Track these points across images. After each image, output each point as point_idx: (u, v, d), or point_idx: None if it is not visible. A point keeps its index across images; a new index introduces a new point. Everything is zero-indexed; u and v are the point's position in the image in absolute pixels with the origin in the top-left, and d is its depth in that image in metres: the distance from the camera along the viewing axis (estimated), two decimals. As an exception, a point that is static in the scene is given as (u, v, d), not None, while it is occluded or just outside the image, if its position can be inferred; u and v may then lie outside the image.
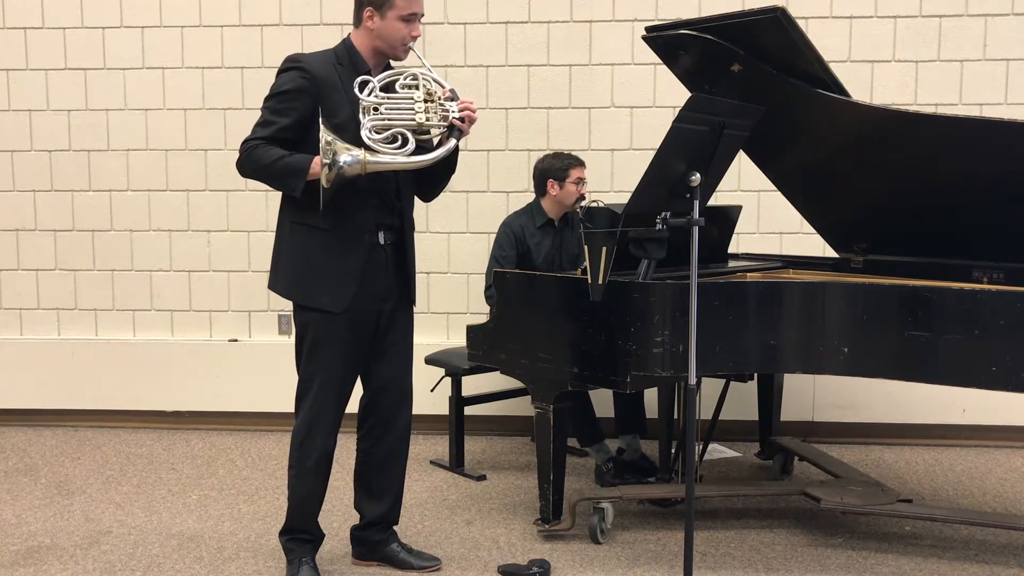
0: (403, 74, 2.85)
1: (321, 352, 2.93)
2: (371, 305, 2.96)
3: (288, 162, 2.79)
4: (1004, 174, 3.23)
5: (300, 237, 2.91)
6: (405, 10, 2.83)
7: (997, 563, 3.24)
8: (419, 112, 2.79)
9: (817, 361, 3.14)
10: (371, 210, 2.91)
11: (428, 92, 2.82)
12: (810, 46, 3.27)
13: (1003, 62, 4.57)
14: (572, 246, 4.17)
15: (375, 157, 2.74)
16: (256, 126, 2.87)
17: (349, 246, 2.89)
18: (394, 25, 2.84)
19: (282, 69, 2.88)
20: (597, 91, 4.76)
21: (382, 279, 2.97)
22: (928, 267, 3.49)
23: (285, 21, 4.81)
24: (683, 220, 2.77)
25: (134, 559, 3.30)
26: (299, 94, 2.81)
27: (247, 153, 2.84)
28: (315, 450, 2.97)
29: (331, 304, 2.89)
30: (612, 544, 3.41)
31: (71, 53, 4.91)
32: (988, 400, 4.40)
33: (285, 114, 2.83)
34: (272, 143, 2.82)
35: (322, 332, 2.92)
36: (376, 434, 3.10)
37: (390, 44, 2.87)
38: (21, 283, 5.06)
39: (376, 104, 2.78)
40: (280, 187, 2.87)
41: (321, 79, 2.83)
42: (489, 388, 4.43)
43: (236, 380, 4.91)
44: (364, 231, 2.91)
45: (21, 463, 4.42)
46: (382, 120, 2.77)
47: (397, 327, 3.06)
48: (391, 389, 3.08)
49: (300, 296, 2.94)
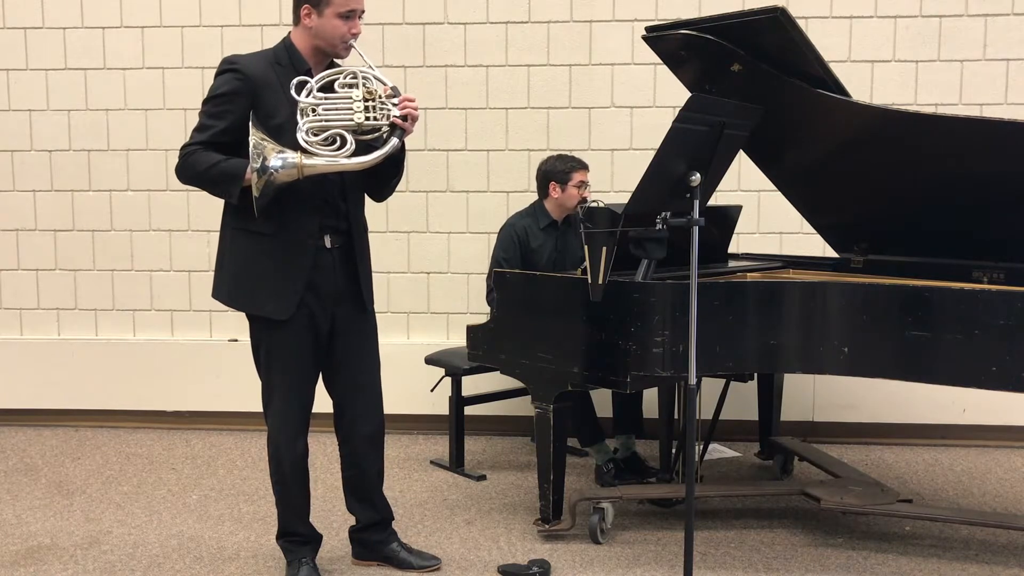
0: (343, 73, 2.75)
1: (275, 360, 2.88)
2: (321, 310, 2.89)
3: (223, 168, 2.73)
4: (1004, 174, 3.23)
5: (242, 244, 2.83)
6: (343, 7, 2.74)
7: (997, 563, 3.25)
8: (358, 112, 2.69)
9: (817, 361, 3.14)
10: (314, 213, 2.82)
11: (368, 91, 2.72)
12: (810, 46, 3.27)
13: (1003, 62, 4.57)
14: (576, 248, 4.14)
15: (311, 160, 2.66)
16: (193, 131, 2.80)
17: (292, 251, 2.81)
18: (332, 23, 2.75)
19: (218, 71, 2.80)
20: (597, 91, 4.76)
21: (331, 283, 2.89)
22: (928, 267, 3.48)
23: (285, 21, 4.80)
24: (683, 220, 2.77)
25: (134, 559, 3.31)
26: (234, 96, 2.74)
27: (184, 159, 2.78)
28: (287, 455, 2.94)
29: (275, 311, 2.82)
30: (612, 544, 3.41)
31: (71, 53, 4.91)
32: (988, 400, 4.39)
33: (221, 117, 2.76)
34: (209, 147, 2.76)
35: (272, 339, 2.86)
36: (349, 440, 3.07)
37: (329, 42, 2.79)
38: (21, 283, 5.06)
39: (314, 105, 2.69)
40: (217, 193, 2.79)
41: (257, 80, 2.75)
42: (489, 388, 4.43)
43: (236, 380, 4.90)
44: (308, 235, 2.82)
45: (21, 463, 4.42)
46: (319, 121, 2.69)
47: (354, 332, 2.98)
48: (354, 395, 3.02)
49: (244, 304, 2.88)
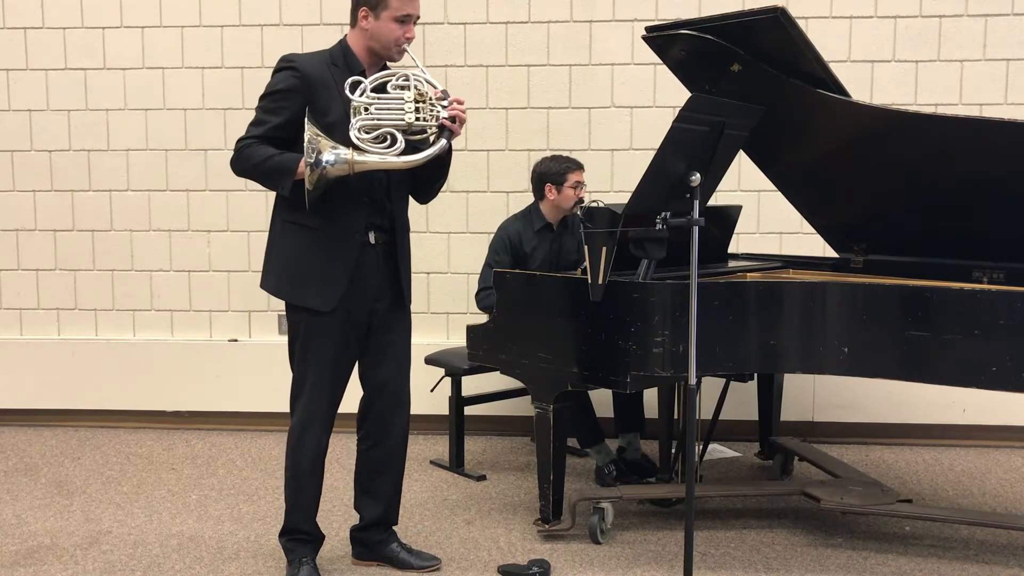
0: (395, 75, 2.85)
1: (312, 352, 2.94)
2: (362, 305, 2.96)
3: (277, 161, 2.82)
4: (1004, 174, 3.23)
5: (291, 236, 2.92)
6: (399, 11, 2.84)
7: (997, 563, 3.24)
8: (409, 112, 2.79)
9: (817, 361, 3.14)
10: (361, 210, 2.91)
11: (419, 93, 2.82)
12: (810, 46, 3.27)
13: (1003, 62, 4.57)
14: (570, 251, 4.14)
15: (363, 156, 2.75)
16: (249, 125, 2.90)
17: (339, 245, 2.90)
18: (388, 26, 2.85)
19: (276, 69, 2.91)
20: (597, 91, 4.75)
21: (373, 279, 2.97)
22: (928, 267, 3.48)
23: (285, 21, 4.81)
24: (683, 220, 2.77)
25: (134, 559, 3.31)
26: (291, 93, 2.84)
27: (239, 152, 2.88)
28: (309, 450, 2.98)
29: (320, 303, 2.89)
30: (612, 544, 3.41)
31: (71, 53, 4.91)
32: (988, 400, 4.39)
33: (277, 113, 2.85)
34: (264, 142, 2.85)
35: (312, 331, 2.92)
36: (373, 436, 3.11)
37: (384, 45, 2.89)
38: (21, 283, 5.06)
39: (366, 104, 2.79)
40: (270, 186, 2.90)
41: (314, 78, 2.84)
42: (489, 388, 4.43)
43: (236, 380, 4.91)
44: (354, 231, 2.91)
45: (21, 463, 4.42)
46: (371, 120, 2.79)
47: (391, 328, 3.06)
48: (386, 391, 3.08)
49: (289, 295, 2.95)
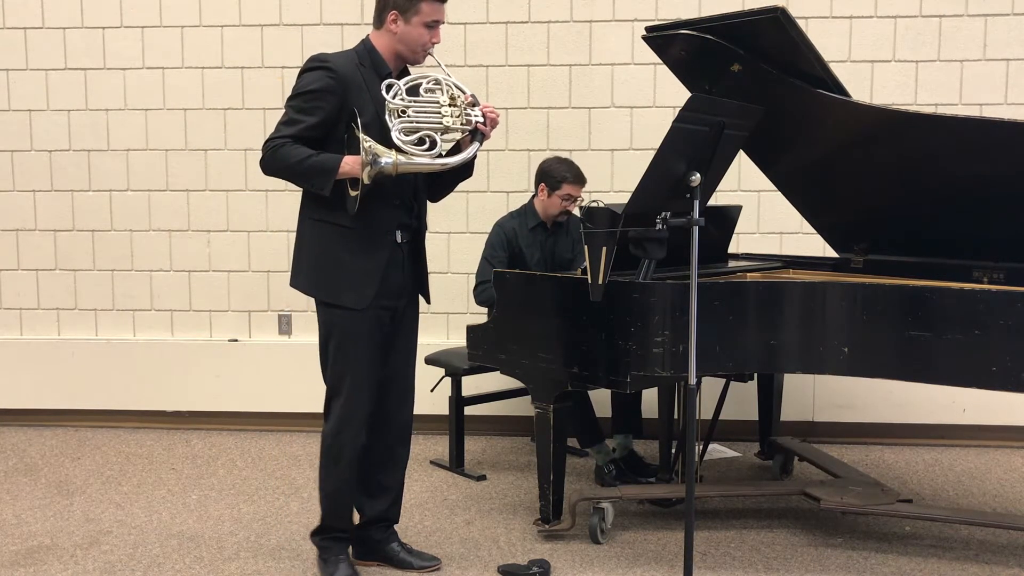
0: (426, 78, 2.91)
1: (348, 350, 2.96)
2: (388, 302, 3.01)
3: (317, 160, 2.81)
4: (1004, 174, 3.23)
5: (323, 234, 2.93)
6: (429, 16, 2.89)
7: (997, 563, 3.24)
8: (446, 116, 2.86)
9: (817, 361, 3.14)
10: (393, 210, 2.96)
11: (451, 96, 2.89)
12: (810, 46, 3.27)
13: (1003, 62, 4.57)
14: (563, 251, 4.15)
15: (407, 159, 2.80)
16: (280, 124, 2.87)
17: (372, 244, 2.93)
18: (417, 30, 2.90)
19: (307, 68, 2.89)
20: (597, 91, 4.76)
21: (399, 277, 3.02)
22: (928, 267, 3.48)
23: (285, 21, 4.81)
24: (683, 220, 2.77)
25: (134, 559, 3.31)
26: (326, 94, 2.84)
27: (272, 151, 2.85)
28: (347, 448, 2.99)
29: (354, 301, 2.92)
30: (612, 544, 3.41)
31: (71, 53, 4.91)
32: (988, 400, 4.39)
33: (311, 113, 2.85)
34: (297, 142, 2.84)
35: (347, 330, 2.95)
36: (377, 430, 3.11)
37: (411, 48, 2.93)
38: (21, 283, 5.06)
39: (404, 107, 2.84)
40: (307, 185, 2.89)
41: (347, 79, 2.86)
42: (489, 388, 4.43)
43: (236, 380, 4.91)
44: (386, 230, 2.95)
45: (21, 463, 4.42)
46: (411, 123, 2.83)
47: (404, 325, 3.11)
48: (394, 385, 3.11)
49: (324, 293, 2.97)
